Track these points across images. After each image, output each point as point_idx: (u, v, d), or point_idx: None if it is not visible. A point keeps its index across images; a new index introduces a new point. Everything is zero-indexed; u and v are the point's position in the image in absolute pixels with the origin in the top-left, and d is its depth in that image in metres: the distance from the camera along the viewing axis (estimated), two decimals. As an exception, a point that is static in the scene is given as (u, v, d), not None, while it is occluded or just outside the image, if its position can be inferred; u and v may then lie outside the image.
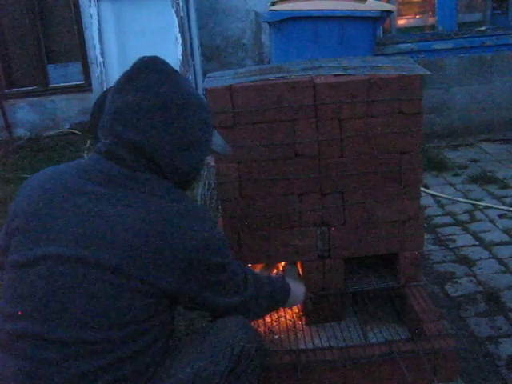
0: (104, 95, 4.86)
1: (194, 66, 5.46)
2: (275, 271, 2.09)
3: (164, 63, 1.34)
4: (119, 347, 1.20)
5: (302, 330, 2.03)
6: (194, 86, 1.43)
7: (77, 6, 5.83)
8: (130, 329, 1.21)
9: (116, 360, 1.19)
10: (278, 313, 2.12)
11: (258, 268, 2.04)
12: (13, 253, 1.27)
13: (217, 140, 1.49)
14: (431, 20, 5.25)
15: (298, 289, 1.76)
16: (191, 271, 1.26)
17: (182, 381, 1.27)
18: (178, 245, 1.23)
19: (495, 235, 2.99)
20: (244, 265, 1.53)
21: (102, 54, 5.42)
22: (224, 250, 1.34)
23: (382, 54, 4.49)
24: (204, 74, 5.36)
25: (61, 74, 6.26)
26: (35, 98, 6.11)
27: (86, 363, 1.17)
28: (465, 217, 3.27)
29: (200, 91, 4.50)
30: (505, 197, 3.49)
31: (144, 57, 1.34)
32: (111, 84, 5.22)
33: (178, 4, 5.28)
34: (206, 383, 1.29)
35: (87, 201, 1.24)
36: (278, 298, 1.60)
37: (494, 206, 3.35)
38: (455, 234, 3.05)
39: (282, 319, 2.10)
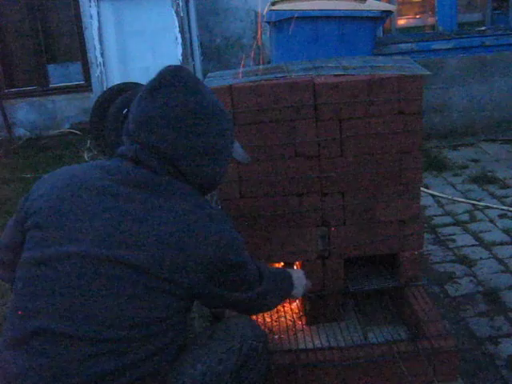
0: (104, 96, 4.88)
1: (193, 66, 5.47)
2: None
3: (188, 73, 1.37)
4: (140, 346, 1.21)
5: (302, 330, 2.03)
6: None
7: (77, 6, 5.83)
8: (152, 328, 1.22)
9: (137, 359, 1.20)
10: (278, 313, 2.12)
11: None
12: (30, 249, 1.26)
13: (237, 148, 1.53)
14: (431, 20, 5.25)
15: (297, 274, 1.77)
16: (215, 271, 1.29)
17: (193, 379, 1.30)
18: (203, 246, 1.26)
19: (495, 235, 2.99)
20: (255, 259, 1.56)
21: (102, 54, 5.42)
22: (242, 249, 1.37)
23: (382, 54, 4.49)
24: (204, 74, 5.36)
25: (61, 74, 6.27)
26: (35, 98, 6.11)
27: (108, 361, 1.17)
28: (465, 217, 3.27)
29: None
30: (505, 197, 3.49)
31: (169, 66, 1.36)
32: (111, 84, 5.24)
33: (178, 4, 5.29)
34: (215, 381, 1.32)
35: (113, 201, 1.24)
36: (285, 285, 1.63)
37: (494, 206, 3.35)
38: (455, 234, 3.05)
39: (282, 319, 2.10)
